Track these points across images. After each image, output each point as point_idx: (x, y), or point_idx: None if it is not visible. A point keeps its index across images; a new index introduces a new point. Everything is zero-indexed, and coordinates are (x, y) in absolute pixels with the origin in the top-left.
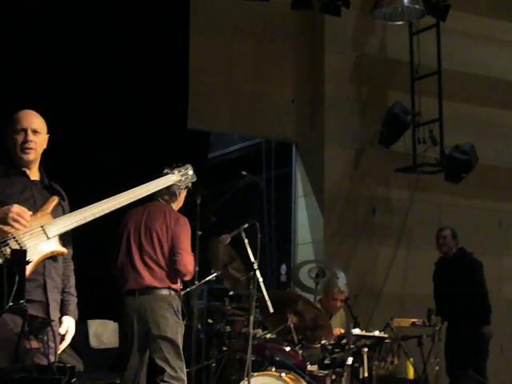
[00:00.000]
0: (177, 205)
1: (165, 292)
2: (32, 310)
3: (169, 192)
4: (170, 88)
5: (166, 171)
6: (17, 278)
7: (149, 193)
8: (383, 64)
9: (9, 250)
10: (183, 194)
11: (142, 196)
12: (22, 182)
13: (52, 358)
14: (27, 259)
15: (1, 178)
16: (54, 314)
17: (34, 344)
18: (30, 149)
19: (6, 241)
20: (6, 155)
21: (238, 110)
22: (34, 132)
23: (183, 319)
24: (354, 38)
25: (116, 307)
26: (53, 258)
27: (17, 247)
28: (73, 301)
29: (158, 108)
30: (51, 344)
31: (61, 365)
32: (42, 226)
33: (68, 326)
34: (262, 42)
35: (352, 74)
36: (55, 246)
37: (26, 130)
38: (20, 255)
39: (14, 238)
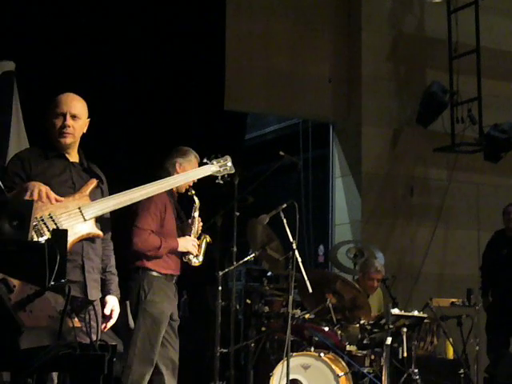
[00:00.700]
0: None
1: None
2: (71, 291)
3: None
4: (207, 69)
5: (205, 161)
6: (58, 257)
7: (187, 181)
8: (421, 43)
9: (45, 229)
10: (182, 167)
11: (179, 184)
12: (61, 164)
13: (94, 337)
14: None
15: (40, 160)
16: (94, 293)
17: (77, 323)
18: (68, 133)
19: (43, 219)
20: (45, 137)
21: (274, 90)
22: (73, 117)
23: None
24: (391, 17)
25: None
26: (90, 239)
27: (53, 226)
28: (114, 280)
29: (195, 90)
30: (93, 323)
31: (103, 343)
32: (79, 208)
33: (113, 305)
34: (298, 22)
35: (389, 53)
36: (91, 227)
37: (65, 115)
38: (61, 234)
39: (51, 217)
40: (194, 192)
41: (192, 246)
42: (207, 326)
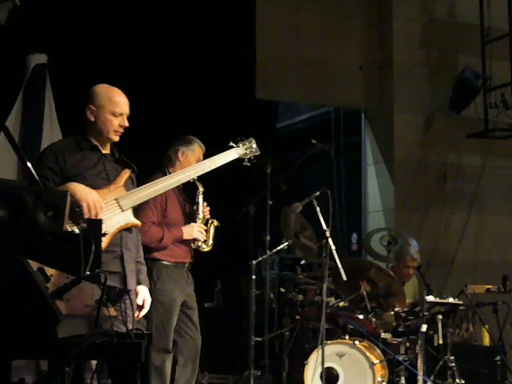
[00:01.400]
0: (178, 166)
1: None
2: (110, 281)
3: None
4: (238, 59)
5: (230, 144)
6: (93, 247)
7: (215, 166)
8: (453, 28)
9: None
10: (185, 155)
11: (208, 170)
12: (95, 156)
13: (130, 326)
14: (103, 231)
15: (75, 152)
16: (132, 283)
17: (113, 312)
18: (120, 133)
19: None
20: (79, 128)
21: (305, 78)
22: (126, 116)
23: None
24: (422, 3)
25: None
26: (128, 229)
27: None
28: (143, 270)
29: (227, 79)
30: (129, 312)
31: (139, 332)
32: (116, 199)
33: (144, 295)
34: (328, 9)
35: (421, 39)
36: (129, 218)
37: (122, 115)
38: (96, 224)
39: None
40: (195, 178)
41: (198, 232)
42: (241, 314)
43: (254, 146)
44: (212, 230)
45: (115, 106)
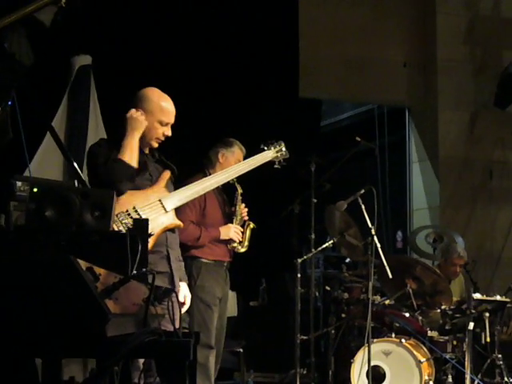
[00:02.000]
0: (218, 167)
1: None
2: (159, 281)
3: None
4: (281, 58)
5: (262, 147)
6: (140, 246)
7: (250, 168)
8: (497, 24)
9: (131, 221)
10: (225, 157)
11: (244, 171)
12: (140, 158)
13: (177, 325)
14: (149, 232)
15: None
16: (177, 282)
17: (159, 310)
18: (161, 141)
19: (129, 212)
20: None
21: (349, 76)
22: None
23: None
24: None
25: (236, 277)
26: (171, 229)
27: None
28: (183, 266)
29: (270, 78)
30: (175, 311)
31: (186, 330)
32: (159, 200)
33: (185, 292)
34: (371, 6)
35: (465, 35)
36: (173, 218)
37: (168, 125)
38: (143, 224)
39: (135, 210)
40: (235, 179)
41: (234, 233)
42: (286, 313)
43: (284, 149)
44: (248, 232)
45: (164, 116)
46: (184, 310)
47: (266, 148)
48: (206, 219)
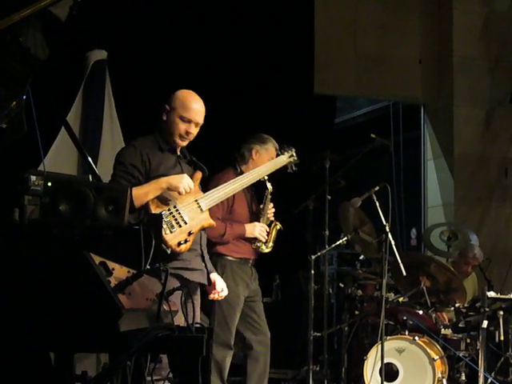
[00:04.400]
0: (251, 164)
1: None
2: (195, 278)
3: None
4: (296, 54)
5: (277, 152)
6: (153, 242)
7: (268, 172)
8: None
9: (174, 221)
10: (259, 154)
11: (264, 175)
12: (173, 158)
13: (190, 320)
14: (189, 231)
15: (158, 153)
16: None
17: (173, 306)
18: (187, 139)
19: (171, 211)
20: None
21: (364, 73)
22: (197, 125)
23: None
24: None
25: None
26: (203, 228)
27: (180, 219)
28: (208, 258)
29: (285, 75)
30: (189, 306)
31: (200, 326)
32: (195, 200)
33: (219, 281)
34: (387, 3)
35: (481, 32)
36: (208, 218)
37: (191, 122)
38: (157, 219)
39: (176, 209)
40: (266, 178)
41: (259, 232)
42: (300, 309)
43: (294, 154)
44: (274, 233)
45: (185, 111)
46: (223, 295)
47: (279, 153)
48: (232, 216)
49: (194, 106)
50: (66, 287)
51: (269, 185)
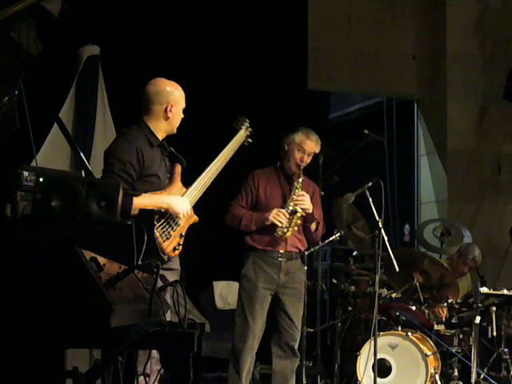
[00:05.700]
0: (284, 156)
1: None
2: (171, 278)
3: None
4: (290, 49)
5: (234, 126)
6: (145, 237)
7: (234, 152)
8: (508, 16)
9: (169, 228)
10: (287, 145)
11: (231, 154)
12: (160, 153)
13: (182, 317)
14: (181, 233)
15: (147, 148)
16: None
17: (165, 302)
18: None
19: (166, 219)
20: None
21: (358, 68)
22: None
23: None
24: None
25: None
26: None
27: (173, 223)
28: None
29: (278, 69)
30: (181, 300)
31: (191, 322)
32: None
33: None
34: None
35: (475, 28)
36: (192, 214)
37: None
38: (149, 215)
39: (169, 215)
40: (299, 172)
41: (274, 216)
42: None
43: (248, 125)
44: (295, 220)
45: (184, 102)
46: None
47: (237, 128)
48: (259, 204)
49: (183, 94)
50: (57, 283)
51: (301, 174)
